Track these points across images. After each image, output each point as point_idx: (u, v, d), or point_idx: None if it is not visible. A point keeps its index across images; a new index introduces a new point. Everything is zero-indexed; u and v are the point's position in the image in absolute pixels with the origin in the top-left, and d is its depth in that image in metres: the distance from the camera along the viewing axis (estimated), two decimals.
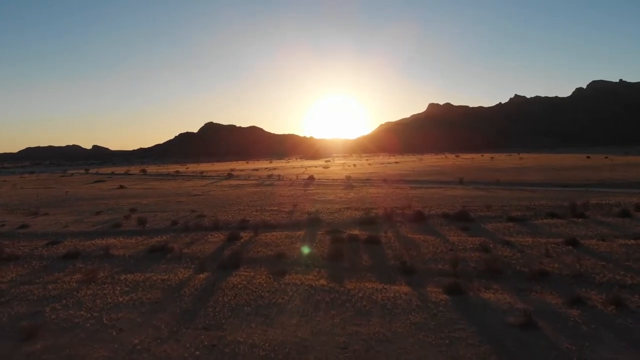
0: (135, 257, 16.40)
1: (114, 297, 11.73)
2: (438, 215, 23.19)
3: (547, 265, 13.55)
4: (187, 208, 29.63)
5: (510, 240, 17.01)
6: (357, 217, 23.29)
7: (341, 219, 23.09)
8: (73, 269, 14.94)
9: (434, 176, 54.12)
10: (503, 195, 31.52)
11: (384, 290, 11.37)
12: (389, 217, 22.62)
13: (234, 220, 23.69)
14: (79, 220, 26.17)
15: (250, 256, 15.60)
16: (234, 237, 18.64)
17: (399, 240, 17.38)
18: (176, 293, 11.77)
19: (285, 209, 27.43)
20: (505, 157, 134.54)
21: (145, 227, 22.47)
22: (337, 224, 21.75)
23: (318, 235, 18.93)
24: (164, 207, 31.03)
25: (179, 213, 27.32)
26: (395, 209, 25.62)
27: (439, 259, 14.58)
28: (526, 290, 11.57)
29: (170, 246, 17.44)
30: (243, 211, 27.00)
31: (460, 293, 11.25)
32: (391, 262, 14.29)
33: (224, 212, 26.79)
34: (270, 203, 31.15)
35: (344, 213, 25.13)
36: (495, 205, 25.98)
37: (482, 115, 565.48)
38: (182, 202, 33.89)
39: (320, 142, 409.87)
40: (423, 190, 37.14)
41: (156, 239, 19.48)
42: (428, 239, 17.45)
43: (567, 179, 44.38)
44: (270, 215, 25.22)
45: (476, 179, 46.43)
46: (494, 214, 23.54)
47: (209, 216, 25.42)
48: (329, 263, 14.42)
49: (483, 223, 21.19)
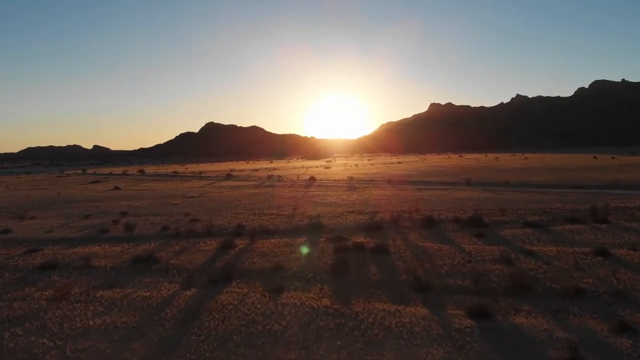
0: (117, 269, 14.81)
1: (84, 319, 10.13)
2: (449, 220, 21.57)
3: (579, 281, 11.94)
4: (181, 211, 28.04)
5: (533, 250, 15.39)
6: (362, 222, 21.67)
7: (344, 224, 21.48)
8: (47, 283, 13.35)
9: (439, 177, 52.47)
10: (514, 198, 29.89)
11: (398, 314, 9.75)
12: (396, 222, 21.00)
13: (229, 225, 22.09)
14: (65, 225, 24.59)
15: (244, 268, 13.99)
16: (228, 245, 17.04)
17: (409, 250, 15.76)
18: (157, 315, 10.17)
19: (285, 213, 25.84)
20: (510, 157, 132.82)
21: (134, 233, 20.87)
22: (341, 229, 20.14)
23: (320, 243, 17.32)
24: (157, 210, 29.44)
25: (172, 217, 25.73)
26: (402, 212, 24.00)
27: (457, 272, 12.96)
28: (562, 313, 9.96)
29: (157, 256, 15.84)
30: (240, 215, 25.41)
31: (487, 316, 9.64)
32: (403, 276, 12.67)
33: (219, 216, 25.19)
34: (269, 206, 29.55)
35: (348, 217, 23.52)
36: (509, 209, 24.35)
37: (484, 115, 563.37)
38: (177, 204, 32.31)
39: (321, 142, 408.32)
40: (429, 192, 35.51)
41: (143, 247, 17.89)
42: (441, 248, 15.83)
43: (578, 179, 42.74)
44: (268, 219, 23.62)
45: (483, 180, 44.79)
46: (508, 218, 21.91)
47: (204, 220, 23.83)
48: (332, 277, 12.81)
49: (499, 229, 19.57)
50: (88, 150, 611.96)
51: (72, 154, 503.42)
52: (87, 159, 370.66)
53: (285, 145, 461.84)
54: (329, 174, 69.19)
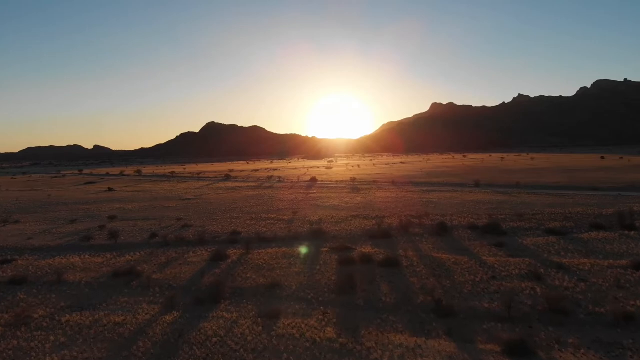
0: (93, 285, 13.05)
1: (40, 354, 8.39)
2: (463, 227, 19.78)
3: (626, 303, 10.16)
4: (174, 215, 26.28)
5: (563, 263, 13.58)
6: (368, 228, 19.88)
7: (349, 231, 19.69)
8: (10, 303, 11.61)
9: (446, 178, 50.57)
10: (530, 201, 28.06)
11: (419, 350, 7.98)
12: (405, 228, 19.22)
13: (223, 231, 20.32)
14: (48, 231, 22.84)
15: (236, 285, 12.23)
16: (219, 256, 15.27)
17: (423, 262, 13.97)
18: (126, 350, 8.41)
19: (284, 217, 24.06)
20: (515, 157, 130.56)
21: (118, 241, 19.11)
22: (345, 237, 18.37)
23: (322, 254, 15.55)
24: (148, 213, 27.68)
25: (163, 222, 23.97)
26: (411, 217, 22.22)
27: (482, 292, 11.17)
28: (616, 347, 8.20)
29: (139, 269, 14.08)
30: (236, 220, 23.64)
31: (528, 354, 7.89)
32: (420, 297, 10.88)
33: (213, 221, 23.42)
34: (268, 209, 27.77)
35: (352, 222, 21.73)
36: (527, 214, 22.55)
37: (486, 115, 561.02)
38: (170, 207, 30.55)
39: (323, 142, 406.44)
40: (437, 194, 33.67)
41: (126, 258, 16.14)
42: (459, 261, 14.04)
43: (591, 181, 40.89)
44: (266, 225, 21.84)
45: (493, 181, 42.93)
46: (528, 224, 20.10)
47: (196, 226, 22.06)
48: (337, 297, 11.03)
49: (519, 237, 17.77)
50: (88, 150, 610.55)
51: (73, 154, 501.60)
52: (87, 159, 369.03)
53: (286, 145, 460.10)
54: (330, 174, 67.31)
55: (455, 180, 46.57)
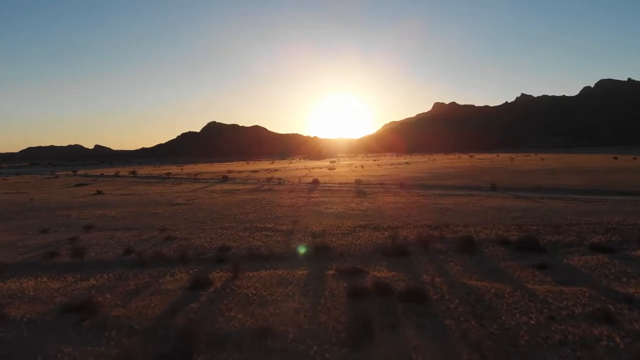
0: (35, 323, 10.20)
1: None
2: (492, 241, 16.90)
3: None
4: (158, 224, 23.45)
5: (632, 295, 10.71)
6: (380, 243, 17.01)
7: (358, 246, 16.81)
8: None
9: (457, 180, 47.59)
10: (558, 208, 25.17)
11: None
12: (424, 243, 16.33)
13: (211, 246, 17.46)
14: (12, 244, 20.02)
15: (216, 329, 9.36)
16: (200, 283, 12.42)
17: (456, 293, 11.08)
18: None
19: (283, 227, 21.19)
20: (524, 157, 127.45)
21: (87, 259, 16.26)
22: (354, 254, 15.52)
23: (327, 279, 12.67)
24: (131, 222, 24.86)
25: (144, 232, 21.12)
26: (429, 228, 19.35)
27: (544, 343, 8.27)
28: None
29: (98, 300, 11.23)
30: (227, 231, 20.78)
31: None
32: (463, 354, 7.98)
33: (201, 232, 20.57)
34: (264, 217, 24.92)
35: (361, 235, 18.85)
36: (561, 224, 19.64)
37: (488, 115, 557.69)
38: (157, 214, 27.73)
39: (324, 142, 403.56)
40: (452, 198, 30.77)
41: (89, 283, 13.30)
42: (501, 291, 11.14)
43: (613, 183, 37.96)
44: (261, 237, 18.97)
45: (509, 183, 39.95)
46: (567, 238, 17.21)
47: (181, 238, 19.22)
48: (349, 354, 8.14)
49: (562, 255, 14.89)
50: (89, 150, 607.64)
51: (73, 154, 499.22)
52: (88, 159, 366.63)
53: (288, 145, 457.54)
54: (333, 175, 64.48)
55: (468, 182, 43.65)
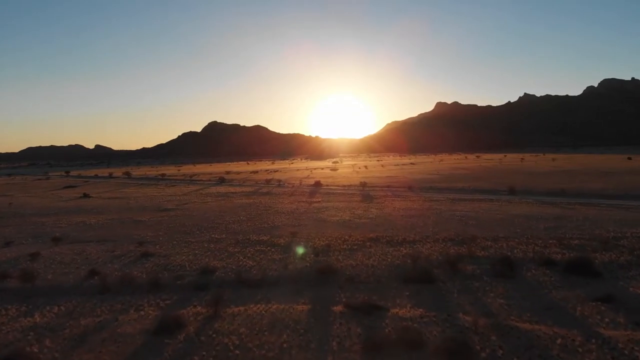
0: None
1: None
2: (532, 260, 13.86)
3: None
4: (138, 235, 20.48)
5: None
6: (397, 263, 14.00)
7: (370, 267, 13.79)
8: None
9: (468, 182, 44.43)
10: (593, 216, 22.12)
11: None
12: (452, 264, 13.31)
13: (192, 266, 14.46)
14: None
15: None
16: (169, 325, 9.41)
17: (508, 344, 8.05)
18: None
19: (280, 240, 18.19)
20: (533, 157, 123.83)
21: (39, 284, 13.26)
22: (366, 280, 12.53)
23: (334, 320, 9.64)
24: (109, 232, 21.90)
25: (119, 247, 18.12)
26: (452, 243, 16.34)
27: None
28: None
29: (28, 353, 8.25)
30: (215, 245, 17.77)
31: None
32: None
33: (185, 247, 17.57)
34: (260, 226, 21.93)
35: (372, 251, 15.82)
36: (607, 238, 16.59)
37: (491, 114, 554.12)
38: (140, 222, 24.76)
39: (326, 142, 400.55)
40: (470, 204, 27.72)
41: (28, 321, 10.31)
42: (567, 341, 8.09)
43: None
44: (253, 254, 15.96)
45: (529, 187, 36.80)
46: (620, 257, 14.17)
47: (159, 254, 16.23)
48: None
49: (623, 281, 11.87)
50: (90, 150, 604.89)
51: (73, 154, 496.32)
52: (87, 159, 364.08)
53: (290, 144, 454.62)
54: (336, 177, 61.42)
55: (481, 185, 40.54)
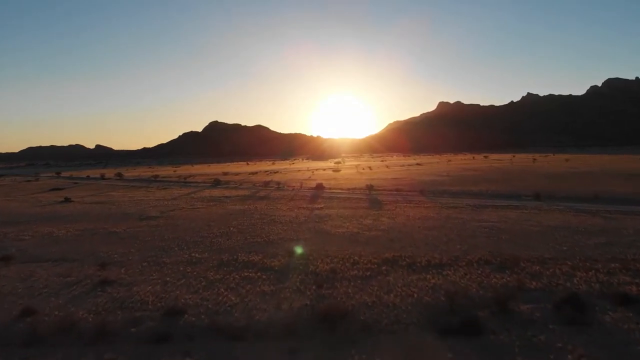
0: None
1: None
2: (602, 295, 10.46)
3: None
4: (106, 253, 17.11)
5: None
6: (427, 301, 10.60)
7: (391, 306, 10.40)
8: None
9: (484, 185, 40.84)
10: None
11: None
12: (501, 304, 9.93)
13: (156, 304, 11.06)
14: None
15: None
16: None
17: None
18: None
19: (274, 262, 14.78)
20: (544, 158, 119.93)
21: None
22: (389, 328, 9.16)
23: None
24: (73, 247, 18.54)
25: (77, 269, 14.75)
26: (490, 267, 12.94)
27: None
28: None
29: None
30: (193, 268, 14.37)
31: None
32: None
33: (156, 271, 14.17)
34: (252, 241, 18.53)
35: (391, 280, 12.41)
36: None
37: (494, 114, 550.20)
38: (115, 234, 21.41)
39: (328, 142, 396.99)
40: (494, 212, 24.27)
41: None
42: None
43: None
44: (239, 284, 12.55)
45: (553, 191, 33.27)
46: None
47: (121, 282, 12.85)
48: None
49: None
50: (90, 150, 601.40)
51: (73, 154, 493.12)
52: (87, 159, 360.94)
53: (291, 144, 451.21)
54: (339, 179, 57.98)
55: (499, 188, 37.03)
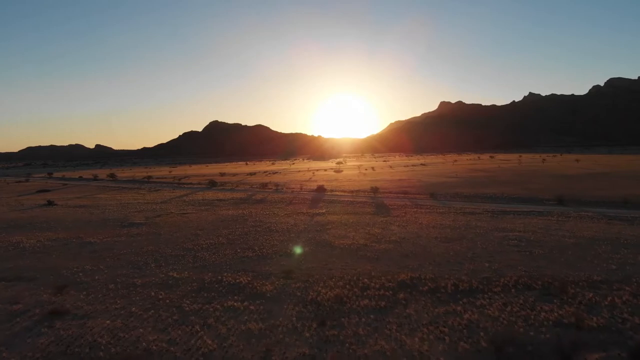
0: None
1: None
2: None
3: None
4: (69, 271, 14.56)
5: None
6: (465, 350, 8.00)
7: (415, 356, 7.77)
8: None
9: (498, 188, 37.98)
10: None
11: None
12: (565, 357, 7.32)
13: (108, 352, 8.47)
14: None
15: None
16: None
17: None
18: None
19: (266, 285, 12.20)
20: (552, 158, 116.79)
21: None
22: None
23: None
24: (36, 263, 16.00)
25: (26, 295, 12.21)
26: (533, 294, 10.34)
27: None
28: None
29: None
30: (167, 294, 11.79)
31: None
32: None
33: (121, 297, 11.59)
34: (242, 256, 15.93)
35: (412, 315, 9.85)
36: None
37: (496, 114, 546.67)
38: (89, 245, 18.85)
39: (329, 142, 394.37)
40: (517, 220, 21.61)
41: None
42: None
43: None
44: (218, 319, 9.98)
45: (575, 195, 30.57)
46: None
47: (73, 316, 10.30)
48: None
49: None
50: (90, 149, 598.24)
51: (73, 154, 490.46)
52: (87, 159, 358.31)
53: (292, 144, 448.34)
54: (341, 180, 55.19)
55: (514, 191, 34.24)
